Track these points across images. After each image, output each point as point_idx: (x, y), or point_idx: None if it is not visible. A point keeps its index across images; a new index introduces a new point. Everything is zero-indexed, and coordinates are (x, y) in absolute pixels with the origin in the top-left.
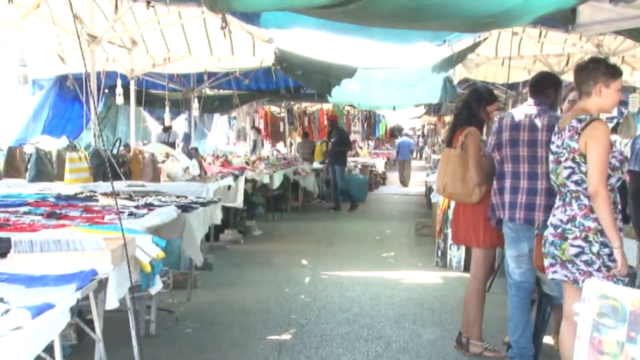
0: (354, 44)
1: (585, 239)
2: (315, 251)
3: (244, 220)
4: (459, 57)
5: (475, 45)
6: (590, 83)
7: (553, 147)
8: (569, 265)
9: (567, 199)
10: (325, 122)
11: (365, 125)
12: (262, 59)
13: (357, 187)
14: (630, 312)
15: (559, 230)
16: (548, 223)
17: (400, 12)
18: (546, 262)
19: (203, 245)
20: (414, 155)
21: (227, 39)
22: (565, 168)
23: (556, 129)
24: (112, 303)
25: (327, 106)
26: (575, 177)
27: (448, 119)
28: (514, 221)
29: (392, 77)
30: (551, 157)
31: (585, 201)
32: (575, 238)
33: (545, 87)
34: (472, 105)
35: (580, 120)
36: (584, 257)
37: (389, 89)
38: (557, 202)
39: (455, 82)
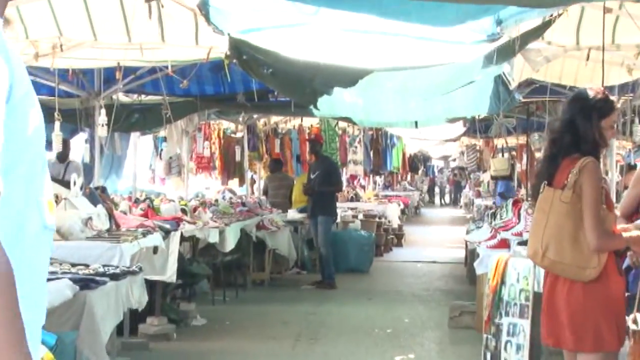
0: (354, 29)
1: None
2: (292, 352)
3: (178, 303)
4: (518, 45)
5: (544, 26)
6: None
7: None
8: None
9: None
10: (307, 147)
11: (371, 151)
12: (210, 48)
13: (358, 250)
14: None
15: None
16: None
17: None
18: None
19: (112, 341)
20: (451, 199)
21: (155, 18)
22: None
23: None
24: None
25: (310, 121)
26: None
27: (502, 143)
28: None
29: (412, 81)
30: None
31: None
32: None
33: None
34: (577, 123)
35: None
36: None
37: (407, 97)
38: None
39: (514, 84)
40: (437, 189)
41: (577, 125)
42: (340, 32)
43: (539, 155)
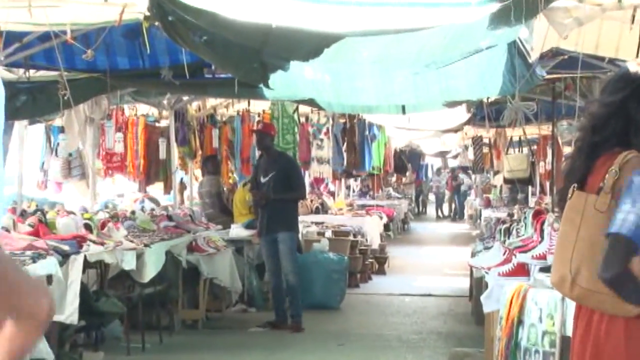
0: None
1: None
2: None
3: (81, 351)
4: (543, 3)
5: None
6: None
7: None
8: None
9: None
10: (254, 141)
11: (344, 147)
12: (123, 7)
13: (325, 278)
14: None
15: None
16: None
17: None
18: None
19: None
20: (451, 210)
21: None
22: None
23: None
24: None
25: (260, 105)
26: None
27: (519, 134)
28: None
29: (397, 48)
30: None
31: None
32: None
33: None
34: (630, 107)
35: None
36: None
37: (391, 71)
38: None
39: (535, 56)
40: (432, 196)
41: (629, 109)
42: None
43: (568, 150)
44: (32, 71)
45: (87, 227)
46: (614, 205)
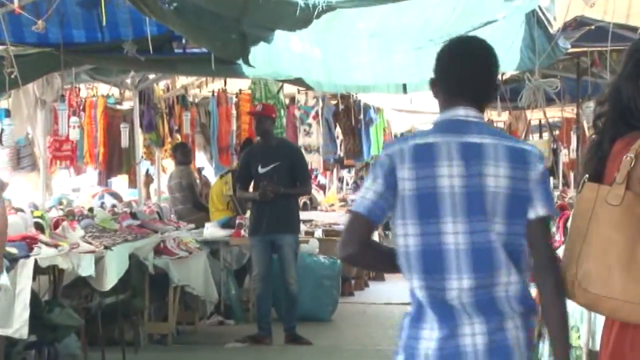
0: None
1: None
2: None
3: None
4: None
5: None
6: None
7: None
8: None
9: None
10: (233, 126)
11: (338, 132)
12: None
13: (314, 285)
14: None
15: None
16: None
17: None
18: None
19: None
20: None
21: None
22: None
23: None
24: None
25: (238, 84)
26: None
27: (539, 116)
28: None
29: (398, 19)
30: None
31: None
32: None
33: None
34: (621, 85)
35: None
36: None
37: (391, 46)
38: None
39: (557, 26)
40: None
41: (621, 90)
42: None
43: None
44: None
45: (38, 226)
46: (630, 198)
